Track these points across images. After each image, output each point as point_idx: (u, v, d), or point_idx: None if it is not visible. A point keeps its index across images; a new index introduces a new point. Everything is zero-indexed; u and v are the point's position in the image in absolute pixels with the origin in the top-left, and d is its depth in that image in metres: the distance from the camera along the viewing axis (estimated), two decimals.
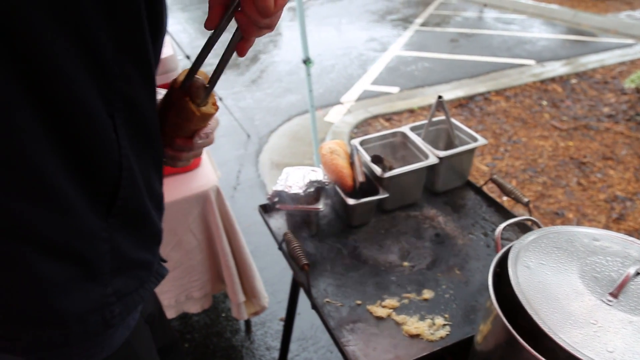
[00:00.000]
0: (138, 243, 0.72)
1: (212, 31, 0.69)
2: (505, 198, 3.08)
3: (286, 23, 8.57)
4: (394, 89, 5.17)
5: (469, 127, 4.17)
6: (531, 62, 5.79)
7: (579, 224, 3.02)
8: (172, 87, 0.75)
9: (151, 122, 0.70)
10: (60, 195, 0.58)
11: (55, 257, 0.61)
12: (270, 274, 2.66)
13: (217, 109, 0.78)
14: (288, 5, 9.74)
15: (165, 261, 0.87)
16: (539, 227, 1.08)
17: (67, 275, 0.62)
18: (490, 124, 4.31)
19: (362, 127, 4.35)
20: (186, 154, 0.83)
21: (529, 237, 0.95)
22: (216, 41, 0.71)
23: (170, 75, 1.69)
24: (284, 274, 2.67)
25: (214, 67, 0.73)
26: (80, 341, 0.67)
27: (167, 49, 1.76)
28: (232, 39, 0.70)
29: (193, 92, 0.73)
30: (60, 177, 0.58)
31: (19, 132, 0.53)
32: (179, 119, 0.75)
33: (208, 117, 0.77)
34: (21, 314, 0.62)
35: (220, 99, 4.25)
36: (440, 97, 1.52)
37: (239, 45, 0.71)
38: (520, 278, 0.84)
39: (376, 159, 1.50)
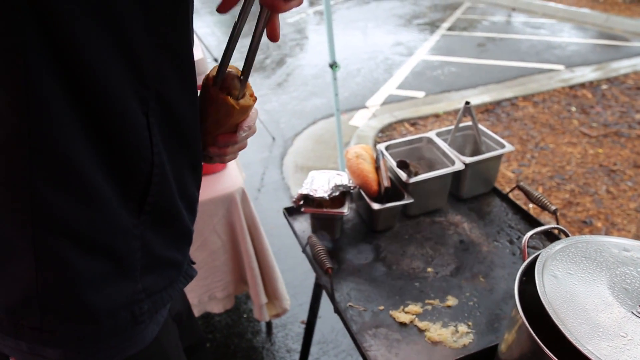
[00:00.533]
0: (168, 242, 0.74)
1: (236, 21, 0.69)
2: (531, 205, 3.03)
3: (313, 27, 8.62)
4: (420, 94, 5.14)
5: (496, 133, 4.13)
6: (560, 67, 5.69)
7: (607, 233, 2.95)
8: (205, 85, 0.74)
9: (188, 124, 0.71)
10: (96, 189, 0.60)
11: (89, 252, 0.63)
12: (293, 277, 2.67)
13: (255, 99, 0.77)
14: (315, 8, 9.86)
15: (194, 263, 0.89)
16: (567, 236, 1.06)
17: (100, 271, 0.64)
18: (517, 130, 4.25)
19: (387, 131, 4.34)
20: (231, 148, 0.83)
21: (557, 246, 0.93)
22: (241, 30, 0.69)
23: (200, 79, 1.71)
24: (306, 276, 2.68)
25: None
26: (110, 336, 0.69)
27: (197, 52, 1.79)
28: (258, 19, 0.69)
29: (228, 86, 0.72)
30: (95, 171, 0.60)
31: (56, 124, 0.55)
32: (219, 116, 0.75)
33: (247, 109, 0.77)
34: (58, 306, 0.64)
35: None
36: (467, 102, 1.51)
37: (269, 26, 0.70)
38: (547, 287, 0.83)
39: (402, 164, 1.50)
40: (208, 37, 8.10)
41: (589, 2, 8.57)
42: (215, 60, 3.84)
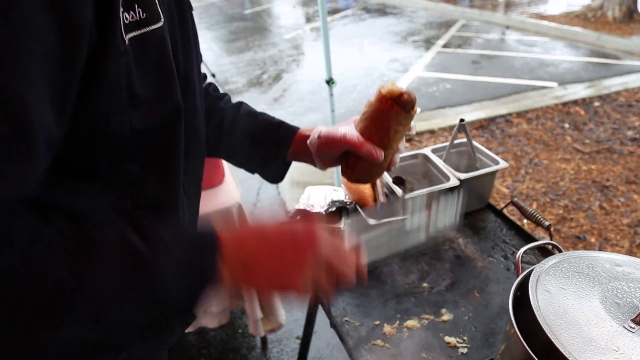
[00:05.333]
0: None
1: None
2: (525, 221, 3.06)
3: (309, 43, 8.71)
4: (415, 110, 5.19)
5: (490, 149, 4.16)
6: (553, 84, 5.77)
7: (601, 248, 2.98)
8: (387, 110, 0.84)
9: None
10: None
11: None
12: None
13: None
14: (312, 25, 9.98)
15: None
16: (560, 251, 1.08)
17: None
18: (512, 146, 4.29)
19: None
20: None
21: (550, 261, 0.95)
22: None
23: None
24: None
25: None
26: None
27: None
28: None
29: (404, 103, 0.83)
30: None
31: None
32: (403, 128, 0.87)
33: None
34: None
35: None
36: (462, 120, 1.53)
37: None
38: (541, 302, 0.84)
39: (398, 180, 1.52)
40: (205, 52, 8.15)
41: (581, 21, 8.73)
42: (213, 75, 3.88)
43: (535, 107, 5.07)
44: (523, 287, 0.92)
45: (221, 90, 1.11)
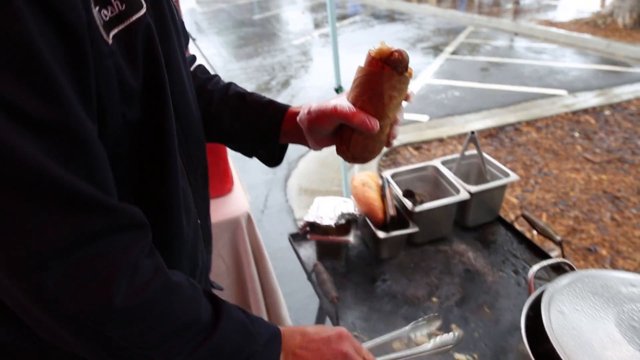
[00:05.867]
0: None
1: None
2: (535, 232, 3.03)
3: (317, 49, 8.72)
4: (424, 117, 5.18)
5: (499, 158, 4.15)
6: (563, 92, 5.74)
7: (612, 261, 2.95)
8: (377, 72, 0.75)
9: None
10: None
11: None
12: (295, 301, 2.66)
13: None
14: (320, 31, 9.98)
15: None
16: (573, 269, 1.07)
17: None
18: (521, 155, 4.27)
19: (390, 154, 4.36)
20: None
21: (563, 280, 0.94)
22: None
23: None
24: (309, 301, 2.67)
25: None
26: None
27: None
28: None
29: (395, 63, 0.74)
30: None
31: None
32: (399, 94, 0.77)
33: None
34: None
35: None
36: (472, 132, 1.52)
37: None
38: (554, 324, 0.83)
39: (408, 194, 1.51)
40: (215, 58, 8.21)
41: (590, 27, 8.68)
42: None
43: (545, 116, 5.04)
44: (535, 306, 0.91)
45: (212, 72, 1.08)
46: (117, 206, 0.53)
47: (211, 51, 8.93)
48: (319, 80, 6.68)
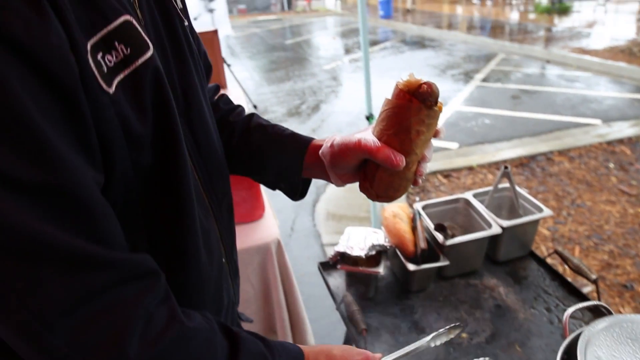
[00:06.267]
0: None
1: None
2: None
3: (348, 74, 8.82)
4: (453, 145, 5.16)
5: (530, 188, 4.08)
6: (597, 121, 5.64)
7: None
8: (407, 106, 0.71)
9: None
10: None
11: None
12: (321, 326, 2.65)
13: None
14: (351, 56, 10.13)
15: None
16: (610, 313, 1.04)
17: None
18: (553, 186, 4.19)
19: None
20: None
21: (600, 324, 0.92)
22: None
23: None
24: (335, 327, 2.65)
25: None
26: None
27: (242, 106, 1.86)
28: None
29: (424, 96, 0.70)
30: None
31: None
32: (428, 129, 0.73)
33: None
34: None
35: None
36: (506, 167, 1.52)
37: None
38: None
39: (439, 227, 1.51)
40: (247, 81, 8.38)
41: (626, 55, 8.54)
42: (255, 107, 3.97)
43: (578, 145, 4.96)
44: (570, 350, 0.90)
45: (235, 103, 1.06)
46: (122, 258, 0.52)
47: (244, 75, 9.13)
48: (349, 105, 6.74)
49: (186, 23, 0.77)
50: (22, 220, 0.43)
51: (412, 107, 0.69)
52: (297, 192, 0.95)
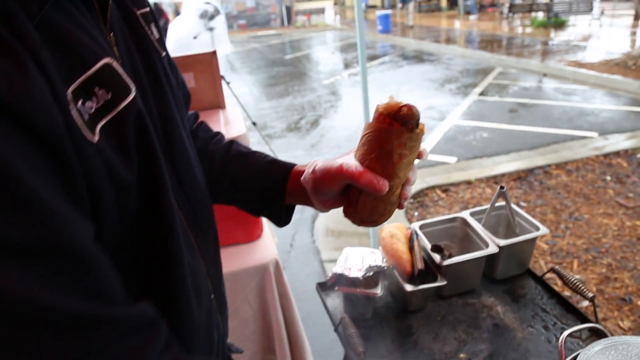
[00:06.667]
0: None
1: None
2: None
3: (346, 89, 8.87)
4: (452, 159, 5.18)
5: (528, 202, 4.10)
6: (594, 134, 5.68)
7: None
8: (387, 130, 0.69)
9: None
10: None
11: None
12: (320, 345, 2.64)
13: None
14: (349, 71, 10.22)
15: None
16: (606, 335, 1.05)
17: None
18: (551, 199, 4.21)
19: (418, 197, 4.36)
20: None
21: (595, 347, 0.93)
22: None
23: None
24: (333, 345, 2.65)
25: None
26: None
27: (240, 127, 1.89)
28: None
29: (405, 119, 0.69)
30: None
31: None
32: (411, 152, 0.71)
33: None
34: None
35: None
36: (502, 187, 1.53)
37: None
38: None
39: (436, 249, 1.52)
40: (246, 97, 8.43)
41: (621, 69, 8.62)
42: (254, 124, 3.99)
43: (575, 158, 4.98)
44: None
45: (214, 130, 1.05)
46: (122, 313, 0.50)
47: (243, 90, 9.19)
48: (348, 120, 6.77)
49: (163, 54, 0.76)
50: (16, 285, 0.40)
51: (394, 131, 0.68)
52: (281, 218, 0.93)
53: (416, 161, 0.75)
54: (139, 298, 0.57)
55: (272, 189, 0.89)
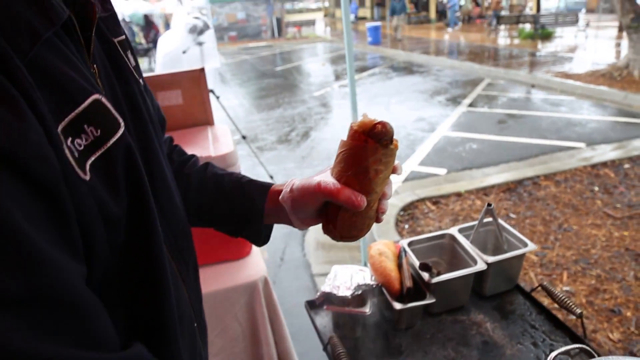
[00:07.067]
0: None
1: None
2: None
3: (337, 101, 8.91)
4: (442, 171, 5.21)
5: (518, 213, 4.12)
6: (581, 144, 5.74)
7: (638, 323, 2.86)
8: (363, 147, 0.71)
9: None
10: None
11: None
12: None
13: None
14: (340, 82, 10.27)
15: None
16: (594, 355, 1.06)
17: None
18: (540, 210, 4.23)
19: (408, 209, 4.37)
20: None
21: None
22: None
23: (232, 170, 1.79)
24: None
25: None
26: None
27: (228, 144, 1.88)
28: None
29: (379, 135, 0.71)
30: None
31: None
32: (386, 167, 0.73)
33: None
34: None
35: (272, 177, 4.39)
36: (489, 205, 1.54)
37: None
38: None
39: (424, 267, 1.52)
40: (236, 109, 8.44)
41: (607, 79, 8.74)
42: (244, 137, 3.99)
43: (564, 169, 5.03)
44: None
45: (189, 152, 1.04)
46: (118, 358, 0.49)
47: (233, 102, 9.19)
48: (338, 132, 6.79)
49: (141, 82, 0.76)
50: (10, 336, 0.39)
51: (369, 148, 0.70)
52: (260, 238, 0.94)
53: (399, 176, 0.76)
54: (127, 331, 0.57)
55: (250, 210, 0.89)
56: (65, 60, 0.52)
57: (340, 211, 0.75)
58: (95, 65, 0.61)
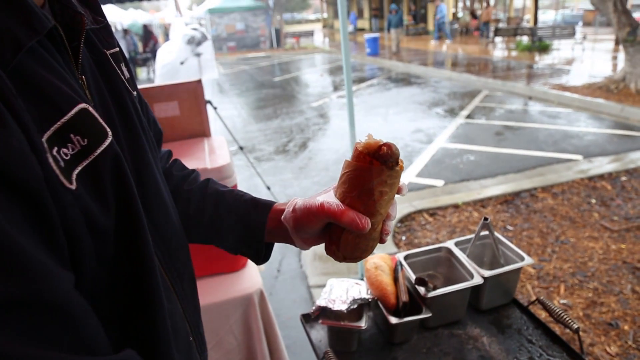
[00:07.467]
0: None
1: None
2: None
3: (335, 111, 8.93)
4: (439, 182, 5.21)
5: (515, 225, 4.12)
6: (578, 157, 5.75)
7: (635, 337, 2.85)
8: (368, 169, 0.70)
9: None
10: None
11: None
12: None
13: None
14: (338, 93, 10.28)
15: None
16: None
17: None
18: (537, 222, 4.23)
19: (406, 221, 4.36)
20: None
21: None
22: None
23: (228, 182, 1.79)
24: None
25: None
26: None
27: (225, 156, 1.88)
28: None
29: (385, 157, 0.69)
30: None
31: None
32: (391, 189, 0.72)
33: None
34: None
35: (269, 188, 4.39)
36: (486, 219, 1.54)
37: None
38: None
39: (420, 282, 1.52)
40: (234, 119, 8.45)
41: (603, 92, 8.78)
42: (241, 148, 3.99)
43: (561, 182, 5.03)
44: None
45: (190, 167, 1.03)
46: None
47: (232, 112, 9.21)
48: (336, 142, 6.81)
49: (135, 94, 0.75)
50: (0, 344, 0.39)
51: (374, 169, 0.68)
52: (260, 256, 0.92)
53: (397, 196, 0.75)
54: (120, 344, 0.56)
55: (251, 228, 0.88)
56: (51, 69, 0.52)
57: (344, 233, 0.74)
58: (84, 77, 0.61)
